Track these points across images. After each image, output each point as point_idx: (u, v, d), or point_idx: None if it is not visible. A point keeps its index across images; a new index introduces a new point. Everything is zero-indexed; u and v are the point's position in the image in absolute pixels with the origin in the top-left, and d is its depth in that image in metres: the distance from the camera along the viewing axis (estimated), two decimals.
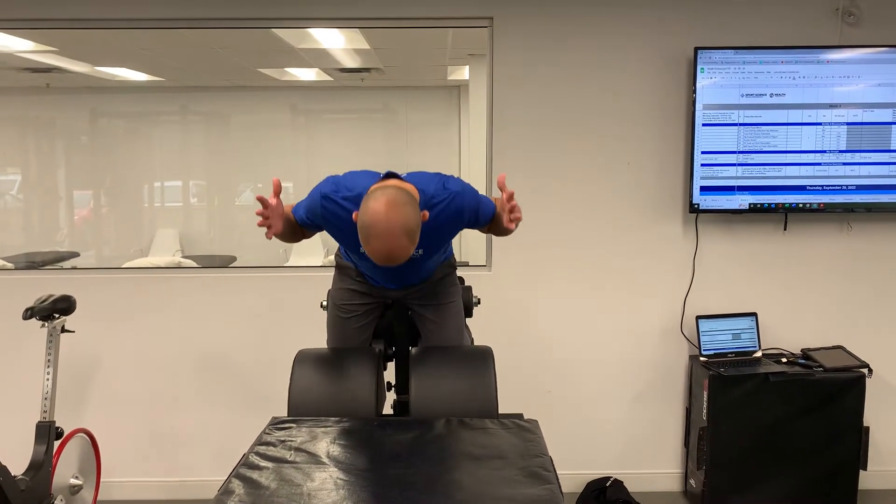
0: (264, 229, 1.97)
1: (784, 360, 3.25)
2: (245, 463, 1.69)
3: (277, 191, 1.99)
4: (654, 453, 3.45)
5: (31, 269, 4.63)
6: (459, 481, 1.62)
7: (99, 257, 7.36)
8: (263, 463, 1.69)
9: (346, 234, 2.02)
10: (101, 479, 3.11)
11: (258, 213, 1.93)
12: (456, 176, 2.08)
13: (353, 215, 1.81)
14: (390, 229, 1.71)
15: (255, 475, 1.62)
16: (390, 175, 1.92)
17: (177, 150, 7.52)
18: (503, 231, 2.06)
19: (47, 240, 7.41)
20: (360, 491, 1.58)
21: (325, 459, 1.72)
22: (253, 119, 7.46)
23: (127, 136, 7.47)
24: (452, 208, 1.98)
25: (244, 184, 7.64)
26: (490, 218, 2.10)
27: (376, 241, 1.73)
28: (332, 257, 2.72)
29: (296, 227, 2.12)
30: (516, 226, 1.96)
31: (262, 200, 1.92)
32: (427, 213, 1.84)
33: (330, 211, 1.98)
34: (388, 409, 2.35)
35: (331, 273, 2.47)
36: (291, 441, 1.82)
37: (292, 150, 7.60)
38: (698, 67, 3.17)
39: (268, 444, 1.80)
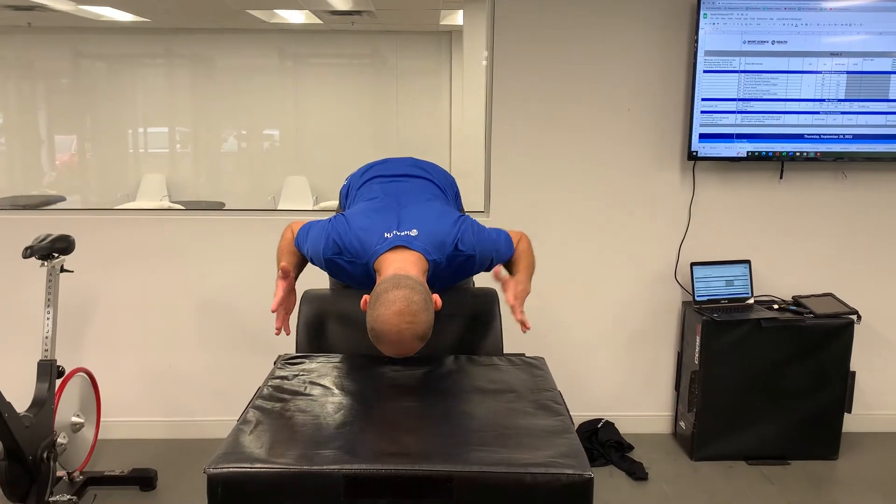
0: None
1: (776, 306, 3.32)
2: (261, 395, 1.71)
3: (286, 275, 1.96)
4: (645, 396, 3.53)
5: (27, 209, 4.57)
6: (473, 412, 1.65)
7: (85, 202, 7.29)
8: (279, 395, 1.71)
9: (354, 282, 2.00)
10: (102, 419, 3.14)
11: (274, 311, 1.93)
12: (471, 218, 2.01)
13: (362, 303, 1.75)
14: (402, 339, 1.67)
15: (271, 406, 1.65)
16: (398, 245, 1.83)
17: (161, 95, 7.39)
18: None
19: (30, 184, 7.31)
20: (377, 421, 1.61)
21: (339, 392, 1.74)
22: (239, 63, 7.34)
23: (110, 79, 7.32)
24: (459, 263, 1.94)
25: (228, 130, 7.54)
26: (506, 261, 2.07)
27: (386, 347, 1.70)
28: (324, 203, 2.71)
29: (303, 261, 2.08)
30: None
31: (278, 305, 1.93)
32: (440, 302, 1.77)
33: (335, 271, 1.97)
34: None
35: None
36: (304, 375, 1.84)
37: (279, 96, 7.50)
38: (701, 13, 3.15)
39: (281, 377, 1.82)
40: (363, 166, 2.39)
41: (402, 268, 1.78)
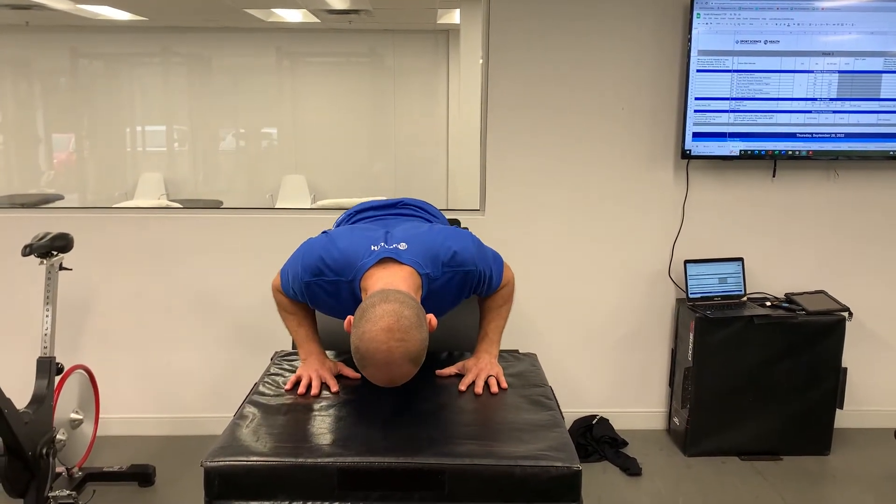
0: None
1: (768, 303, 3.35)
2: (257, 391, 1.74)
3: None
4: (639, 393, 3.56)
5: (25, 208, 4.59)
6: (465, 407, 1.69)
7: (83, 201, 7.30)
8: (275, 391, 1.74)
9: (337, 310, 1.80)
10: (101, 415, 3.16)
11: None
12: (468, 231, 1.86)
13: (346, 324, 1.56)
14: (391, 360, 1.47)
15: (267, 401, 1.68)
16: (387, 258, 1.65)
17: (159, 93, 7.41)
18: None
19: (28, 183, 7.32)
20: (371, 417, 1.64)
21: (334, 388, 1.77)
22: (237, 61, 7.35)
23: (107, 77, 7.33)
24: (458, 280, 1.76)
25: (226, 129, 7.56)
26: (492, 292, 1.90)
27: (374, 370, 1.50)
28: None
29: (311, 311, 1.91)
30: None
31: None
32: (435, 321, 1.59)
33: (316, 297, 1.78)
34: None
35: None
36: None
37: (277, 95, 7.52)
38: (694, 13, 3.17)
39: (277, 374, 1.85)
40: (351, 209, 2.22)
41: (391, 283, 1.60)
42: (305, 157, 7.51)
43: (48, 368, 2.72)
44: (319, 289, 1.71)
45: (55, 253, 2.76)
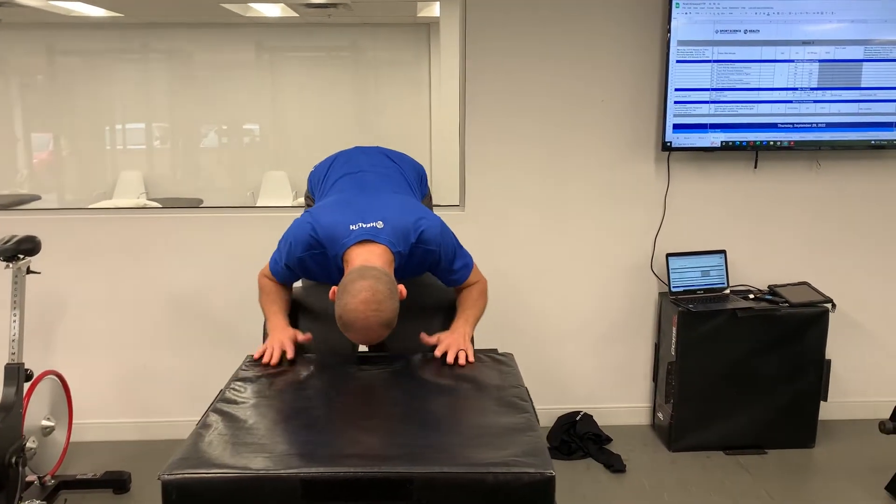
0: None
1: (751, 296, 3.32)
2: (222, 398, 1.68)
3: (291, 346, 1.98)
4: (623, 388, 3.53)
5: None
6: (438, 411, 1.64)
7: (60, 201, 7.19)
8: (241, 397, 1.69)
9: (324, 278, 2.05)
10: (74, 421, 3.09)
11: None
12: (440, 218, 2.06)
13: (331, 294, 1.84)
14: (368, 326, 1.77)
15: (232, 409, 1.62)
16: (365, 239, 1.90)
17: (137, 90, 7.30)
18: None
19: (6, 183, 7.21)
20: (340, 423, 1.59)
21: (304, 394, 1.72)
22: (216, 57, 7.25)
23: (85, 75, 7.22)
24: (420, 255, 2.01)
25: (207, 125, 7.46)
26: (457, 284, 2.14)
27: (354, 335, 1.81)
28: (302, 199, 2.70)
29: (287, 293, 2.14)
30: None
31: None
32: (405, 291, 1.88)
33: (307, 269, 2.04)
34: (363, 347, 2.35)
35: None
36: (268, 377, 1.81)
37: (258, 90, 7.42)
38: (673, 3, 3.13)
39: (244, 379, 1.80)
40: (330, 156, 2.44)
41: (368, 259, 1.87)
42: (287, 153, 7.43)
43: (16, 375, 2.65)
44: (312, 261, 1.99)
45: (21, 256, 2.69)
